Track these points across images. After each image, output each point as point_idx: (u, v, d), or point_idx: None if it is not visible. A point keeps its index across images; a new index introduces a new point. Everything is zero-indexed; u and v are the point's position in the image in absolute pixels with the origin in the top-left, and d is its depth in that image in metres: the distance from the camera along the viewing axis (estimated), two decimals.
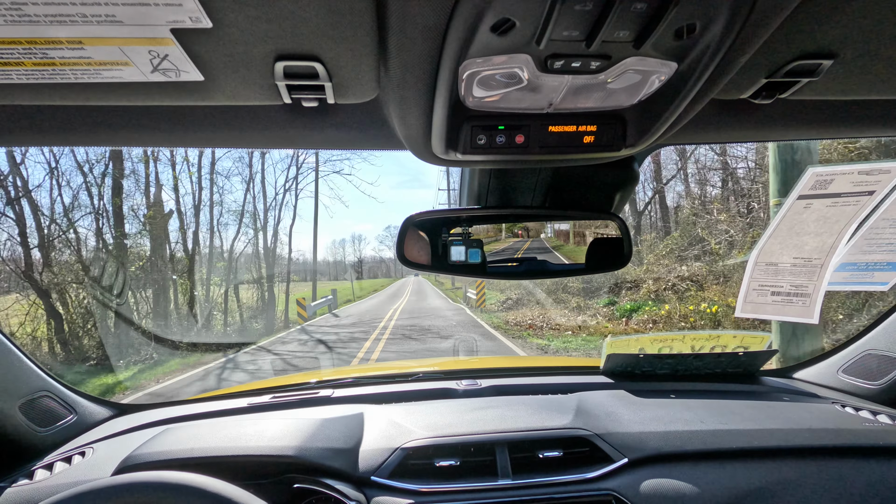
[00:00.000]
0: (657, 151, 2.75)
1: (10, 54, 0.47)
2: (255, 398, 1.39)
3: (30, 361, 1.17)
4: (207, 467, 0.90)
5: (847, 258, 1.20)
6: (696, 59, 0.49)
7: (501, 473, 1.04)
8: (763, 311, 1.33)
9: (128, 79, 0.53)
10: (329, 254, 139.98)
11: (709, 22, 0.44)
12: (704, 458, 1.06)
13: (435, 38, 0.46)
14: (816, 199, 1.13)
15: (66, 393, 1.27)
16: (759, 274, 1.30)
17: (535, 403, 1.26)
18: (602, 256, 1.05)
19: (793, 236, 1.21)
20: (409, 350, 8.46)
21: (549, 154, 0.67)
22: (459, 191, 1.08)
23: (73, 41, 0.45)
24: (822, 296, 1.22)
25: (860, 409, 1.22)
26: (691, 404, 1.24)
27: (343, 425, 1.15)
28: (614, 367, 1.49)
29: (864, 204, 1.09)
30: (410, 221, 0.97)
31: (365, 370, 1.69)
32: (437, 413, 1.22)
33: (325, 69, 0.53)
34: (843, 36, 0.54)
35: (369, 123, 0.71)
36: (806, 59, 0.57)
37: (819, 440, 1.07)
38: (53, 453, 1.14)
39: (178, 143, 0.74)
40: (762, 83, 0.62)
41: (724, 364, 1.44)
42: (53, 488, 0.99)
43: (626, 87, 0.56)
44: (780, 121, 0.76)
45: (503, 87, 0.55)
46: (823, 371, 1.48)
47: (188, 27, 0.44)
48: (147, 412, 1.40)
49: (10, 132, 0.68)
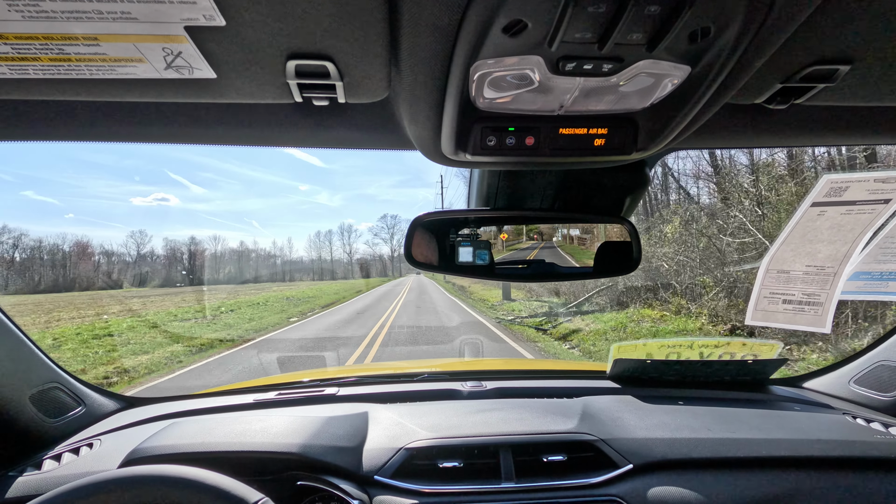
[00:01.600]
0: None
1: (26, 49, 0.48)
2: (261, 395, 1.40)
3: (41, 353, 1.19)
4: (213, 462, 0.91)
5: (861, 267, 1.18)
6: (711, 63, 0.48)
7: (505, 476, 1.03)
8: (774, 319, 1.31)
9: (141, 75, 0.53)
10: (313, 249, 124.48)
11: (724, 25, 0.43)
12: (711, 466, 1.04)
13: (446, 38, 0.46)
14: (831, 206, 1.11)
15: (76, 385, 1.29)
16: (771, 281, 1.28)
17: (540, 407, 1.25)
18: (611, 260, 1.04)
19: (806, 244, 1.19)
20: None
21: (559, 156, 0.67)
22: (468, 192, 1.08)
23: (89, 37, 0.46)
24: (834, 305, 1.20)
25: (871, 420, 1.19)
26: (698, 411, 1.23)
27: (347, 424, 1.15)
28: (621, 372, 1.48)
29: (880, 212, 1.07)
30: (419, 222, 0.97)
31: (370, 369, 1.69)
32: (441, 414, 1.22)
33: (337, 68, 0.53)
34: (861, 41, 0.53)
35: (379, 123, 0.71)
36: (822, 64, 0.56)
37: (829, 451, 1.05)
38: (62, 444, 1.16)
39: (189, 140, 0.74)
40: (777, 88, 0.62)
41: (733, 371, 1.42)
42: (61, 478, 1.01)
43: (638, 90, 0.55)
44: (794, 126, 0.75)
45: (514, 88, 0.54)
46: (834, 381, 1.45)
47: (202, 25, 0.45)
48: (154, 406, 1.41)
49: (26, 126, 0.69)
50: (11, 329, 1.11)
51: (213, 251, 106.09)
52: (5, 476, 1.02)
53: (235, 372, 6.69)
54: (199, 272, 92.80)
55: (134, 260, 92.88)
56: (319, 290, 34.15)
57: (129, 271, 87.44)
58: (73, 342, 10.21)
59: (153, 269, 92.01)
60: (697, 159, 13.21)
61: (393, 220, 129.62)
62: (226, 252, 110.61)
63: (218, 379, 6.32)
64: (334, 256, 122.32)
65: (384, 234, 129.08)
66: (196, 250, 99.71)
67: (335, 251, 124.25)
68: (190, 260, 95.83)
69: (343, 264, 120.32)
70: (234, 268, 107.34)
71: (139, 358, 8.45)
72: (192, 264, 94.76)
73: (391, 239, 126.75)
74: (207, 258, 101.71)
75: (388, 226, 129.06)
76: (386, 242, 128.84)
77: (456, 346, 8.02)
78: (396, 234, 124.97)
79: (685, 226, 10.52)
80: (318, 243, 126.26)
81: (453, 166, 0.80)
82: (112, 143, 0.76)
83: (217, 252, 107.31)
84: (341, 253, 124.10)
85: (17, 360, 1.12)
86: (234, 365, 7.22)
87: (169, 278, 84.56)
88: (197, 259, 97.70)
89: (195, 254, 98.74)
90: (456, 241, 1.00)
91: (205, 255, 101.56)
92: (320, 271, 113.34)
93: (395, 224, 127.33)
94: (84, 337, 10.85)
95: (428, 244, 1.00)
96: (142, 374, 7.22)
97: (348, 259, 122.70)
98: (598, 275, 1.07)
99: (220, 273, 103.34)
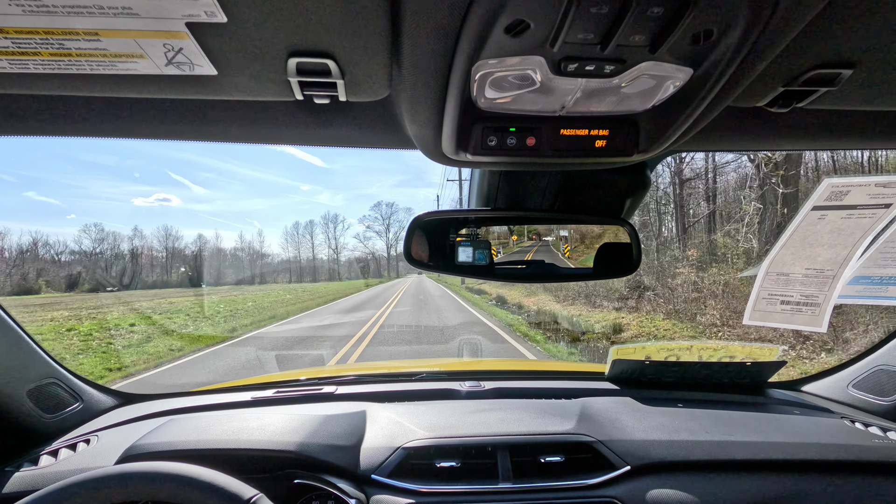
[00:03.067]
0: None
1: (27, 44, 0.47)
2: (260, 392, 1.40)
3: (39, 349, 1.19)
4: (210, 459, 0.91)
5: (861, 272, 1.18)
6: (713, 66, 0.48)
7: (502, 476, 1.03)
8: (771, 320, 1.31)
9: (142, 71, 0.53)
10: (290, 245, 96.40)
11: (727, 28, 0.43)
12: (709, 468, 1.04)
13: (448, 37, 0.46)
14: (831, 210, 1.11)
15: (73, 381, 1.29)
16: (770, 283, 1.28)
17: (538, 407, 1.25)
18: (611, 262, 1.04)
19: (805, 248, 1.19)
20: None
21: (560, 157, 0.67)
22: (469, 192, 1.08)
23: (90, 32, 0.46)
24: (831, 306, 1.20)
25: (870, 424, 1.19)
26: (697, 414, 1.23)
27: (345, 422, 1.15)
28: (620, 374, 1.48)
29: (881, 217, 1.07)
30: (418, 221, 0.97)
31: (369, 368, 1.69)
32: (439, 414, 1.22)
33: (338, 66, 0.53)
34: (864, 45, 0.52)
35: (380, 122, 0.71)
36: (824, 68, 0.56)
37: (827, 455, 1.05)
38: (59, 440, 1.16)
39: (190, 137, 0.74)
40: (779, 91, 0.61)
41: (732, 374, 1.42)
42: (58, 474, 1.00)
43: (640, 91, 0.55)
44: (795, 130, 0.75)
45: (516, 88, 0.54)
46: (833, 385, 1.46)
47: (203, 21, 0.44)
48: (152, 402, 1.41)
49: (25, 121, 0.69)
50: (10, 324, 1.11)
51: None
52: (2, 471, 1.02)
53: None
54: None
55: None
56: (269, 299, 24.26)
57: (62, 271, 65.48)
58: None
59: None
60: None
61: (389, 208, 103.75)
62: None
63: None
64: (317, 255, 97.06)
65: (378, 225, 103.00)
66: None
67: (318, 248, 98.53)
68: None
69: (327, 263, 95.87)
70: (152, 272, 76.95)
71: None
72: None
73: (386, 231, 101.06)
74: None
75: (382, 216, 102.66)
76: (380, 236, 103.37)
77: (454, 346, 7.97)
78: (393, 225, 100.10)
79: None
80: (296, 238, 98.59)
81: (454, 166, 0.80)
82: (112, 141, 0.76)
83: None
84: (327, 250, 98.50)
85: (14, 356, 1.12)
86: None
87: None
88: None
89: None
90: (455, 241, 1.00)
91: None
92: (299, 271, 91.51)
93: (391, 214, 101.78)
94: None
95: (427, 244, 1.00)
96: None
97: (334, 256, 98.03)
98: (598, 276, 1.07)
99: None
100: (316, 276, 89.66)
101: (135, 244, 76.52)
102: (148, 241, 78.28)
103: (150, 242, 78.30)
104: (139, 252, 76.56)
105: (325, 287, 46.56)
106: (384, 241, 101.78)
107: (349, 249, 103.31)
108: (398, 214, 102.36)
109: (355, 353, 7.50)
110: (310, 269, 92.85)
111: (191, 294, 35.38)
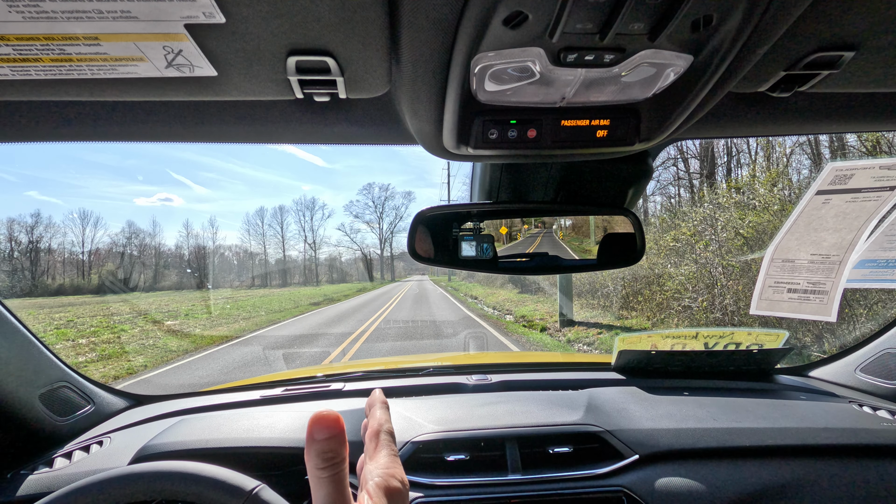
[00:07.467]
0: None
1: (28, 50, 0.48)
2: (268, 391, 1.41)
3: (50, 353, 1.20)
4: (221, 458, 0.92)
5: (867, 255, 1.17)
6: (713, 52, 0.48)
7: (511, 468, 1.04)
8: (779, 309, 1.31)
9: (143, 74, 0.53)
10: (254, 239, 71.32)
11: (726, 13, 0.43)
12: (717, 455, 1.05)
13: (446, 31, 0.46)
14: (836, 194, 1.11)
15: (84, 384, 1.30)
16: (776, 270, 1.28)
17: (545, 399, 1.26)
18: (615, 252, 1.04)
19: (811, 233, 1.18)
20: None
21: (561, 149, 0.67)
22: (471, 186, 1.08)
23: (90, 37, 0.46)
24: (840, 293, 1.20)
25: (878, 408, 1.19)
26: (704, 402, 1.23)
27: (354, 418, 1.16)
28: (626, 364, 1.48)
29: (885, 200, 1.07)
30: (421, 217, 0.97)
31: (376, 364, 1.70)
32: (447, 407, 1.22)
33: (337, 64, 0.53)
34: (866, 27, 0.52)
35: (381, 118, 0.71)
36: (826, 51, 0.56)
37: (835, 439, 1.06)
38: (72, 442, 1.17)
39: (192, 138, 0.74)
40: (780, 76, 0.61)
41: (738, 361, 1.42)
42: (72, 476, 1.02)
43: (640, 80, 0.55)
44: (798, 114, 0.75)
45: (515, 80, 0.54)
46: (840, 370, 1.45)
47: (202, 22, 0.45)
48: (162, 403, 1.43)
49: (28, 128, 0.69)
50: (20, 329, 1.12)
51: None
52: (17, 474, 1.03)
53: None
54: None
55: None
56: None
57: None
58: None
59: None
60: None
61: (384, 192, 79.33)
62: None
63: None
64: (288, 255, 73.80)
65: (369, 213, 77.07)
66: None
67: (291, 243, 76.99)
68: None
69: (302, 263, 73.61)
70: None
71: None
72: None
73: (379, 222, 76.51)
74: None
75: (374, 202, 77.00)
76: (372, 229, 78.68)
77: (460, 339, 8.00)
78: (388, 214, 76.30)
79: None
80: (261, 230, 72.93)
81: (455, 160, 0.80)
82: (115, 143, 0.77)
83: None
84: (301, 245, 74.84)
85: (26, 360, 1.13)
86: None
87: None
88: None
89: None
90: (459, 236, 1.00)
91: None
92: (263, 275, 69.41)
93: (385, 199, 77.13)
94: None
95: (431, 239, 1.01)
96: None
97: (312, 255, 74.18)
98: (603, 266, 1.07)
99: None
100: (286, 279, 70.89)
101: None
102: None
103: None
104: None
105: (291, 295, 33.86)
106: (377, 233, 77.92)
107: (331, 244, 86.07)
108: (395, 200, 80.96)
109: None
110: (279, 271, 71.88)
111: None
